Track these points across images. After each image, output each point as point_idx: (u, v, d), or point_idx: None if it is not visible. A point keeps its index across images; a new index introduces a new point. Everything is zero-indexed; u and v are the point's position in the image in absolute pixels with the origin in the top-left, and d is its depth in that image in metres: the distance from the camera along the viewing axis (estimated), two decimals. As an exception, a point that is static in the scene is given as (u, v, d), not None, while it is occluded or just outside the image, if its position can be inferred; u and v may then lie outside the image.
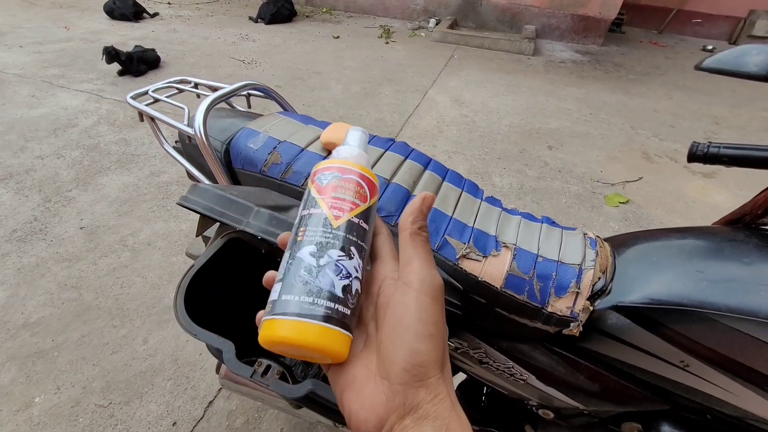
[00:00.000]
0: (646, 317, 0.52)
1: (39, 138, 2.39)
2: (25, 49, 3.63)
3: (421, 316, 0.24)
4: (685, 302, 0.50)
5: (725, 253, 0.54)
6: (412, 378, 0.23)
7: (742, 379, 0.48)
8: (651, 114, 3.27)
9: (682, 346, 0.50)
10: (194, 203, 0.50)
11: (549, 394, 0.65)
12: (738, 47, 0.56)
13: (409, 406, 0.23)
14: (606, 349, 0.57)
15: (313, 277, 0.26)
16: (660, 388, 0.56)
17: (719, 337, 0.48)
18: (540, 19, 4.94)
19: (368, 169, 0.33)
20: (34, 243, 1.70)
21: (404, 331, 0.24)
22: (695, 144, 0.63)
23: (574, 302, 0.56)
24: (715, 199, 2.26)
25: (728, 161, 0.61)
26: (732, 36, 5.50)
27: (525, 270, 0.57)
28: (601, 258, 0.58)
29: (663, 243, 0.59)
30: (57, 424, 1.15)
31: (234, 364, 0.49)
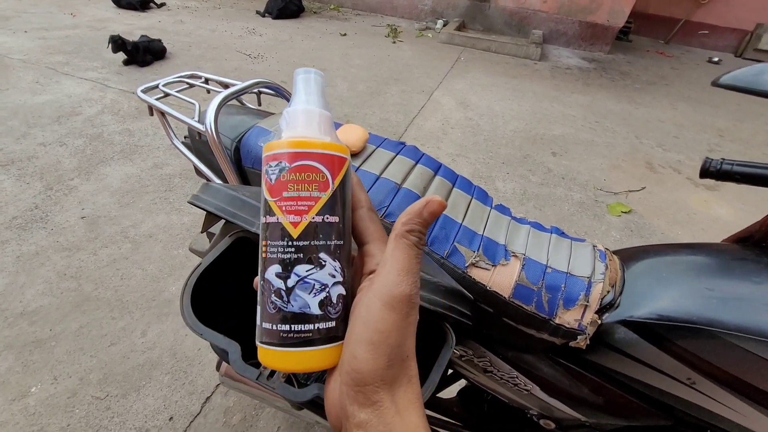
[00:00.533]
0: (654, 333, 0.52)
1: (42, 125, 2.38)
2: (29, 34, 3.61)
3: (367, 319, 0.23)
4: (694, 319, 0.49)
5: (735, 272, 0.54)
6: (351, 381, 0.22)
7: (750, 400, 0.48)
8: (656, 124, 3.27)
9: (689, 363, 0.50)
10: (206, 203, 0.49)
11: (552, 405, 0.65)
12: (756, 65, 0.55)
13: (356, 423, 0.22)
14: (612, 363, 0.57)
15: (285, 303, 0.25)
16: (664, 404, 0.56)
17: (727, 356, 0.48)
18: (548, 25, 4.93)
19: (324, 140, 0.26)
20: (34, 231, 1.70)
21: (350, 331, 0.24)
22: (708, 160, 0.63)
23: (583, 315, 0.55)
24: (717, 212, 2.27)
25: (741, 179, 0.61)
26: (738, 49, 5.50)
27: (534, 280, 0.57)
28: (610, 271, 0.58)
29: (673, 258, 0.59)
30: (53, 415, 1.15)
31: (240, 365, 0.49)
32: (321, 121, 0.27)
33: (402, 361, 0.23)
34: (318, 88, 0.28)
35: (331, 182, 0.26)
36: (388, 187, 0.63)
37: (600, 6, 4.62)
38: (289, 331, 0.25)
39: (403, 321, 0.23)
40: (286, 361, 0.25)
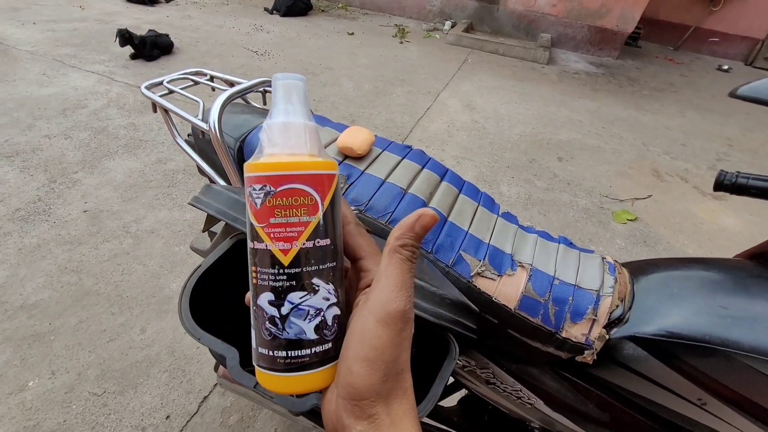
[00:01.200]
0: (664, 350, 0.50)
1: (48, 117, 2.38)
2: (38, 26, 3.62)
3: (363, 336, 0.23)
4: (706, 338, 0.48)
5: (751, 290, 0.52)
6: (348, 395, 0.23)
7: (764, 423, 0.46)
8: (663, 131, 3.24)
9: (700, 384, 0.49)
10: (206, 205, 0.48)
11: (555, 419, 0.64)
12: (776, 77, 0.54)
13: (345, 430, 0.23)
14: (619, 380, 0.55)
15: (280, 330, 0.24)
16: (673, 424, 0.54)
17: (741, 377, 0.46)
18: (556, 28, 4.90)
19: (310, 159, 0.24)
20: (36, 223, 1.69)
21: (346, 347, 0.24)
22: (723, 172, 0.61)
23: (590, 329, 0.54)
24: (724, 222, 2.24)
25: (756, 193, 0.59)
26: (749, 57, 5.45)
27: (540, 292, 0.56)
28: (619, 285, 0.57)
29: (685, 273, 0.57)
30: (49, 410, 1.14)
31: (237, 372, 0.48)
32: (306, 134, 0.25)
33: (397, 375, 0.23)
34: (300, 96, 0.26)
35: (321, 204, 0.24)
36: (394, 192, 0.62)
37: (610, 11, 4.58)
38: (286, 357, 0.24)
39: (397, 337, 0.23)
40: (285, 386, 0.25)
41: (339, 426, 0.24)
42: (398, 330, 0.23)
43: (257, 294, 0.25)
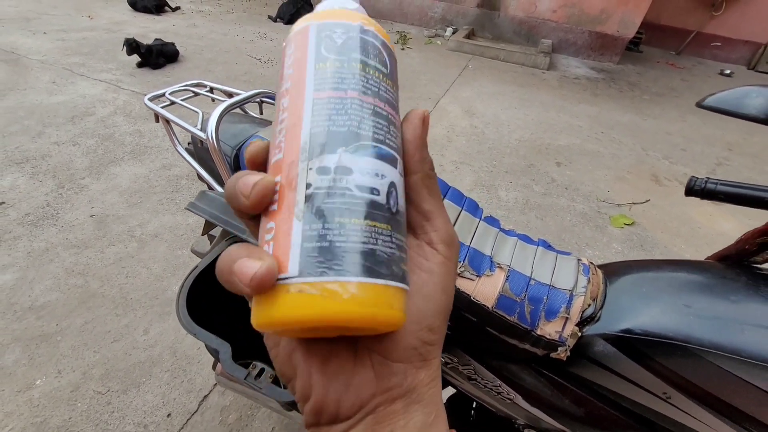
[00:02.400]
0: (632, 347, 0.53)
1: (57, 124, 2.45)
2: (49, 35, 3.72)
3: (446, 286, 0.20)
4: (670, 335, 0.51)
5: (714, 290, 0.55)
6: (418, 357, 0.20)
7: (722, 416, 0.49)
8: (663, 136, 3.25)
9: (665, 378, 0.51)
10: (201, 210, 0.52)
11: (535, 415, 0.66)
12: (739, 88, 0.57)
13: (406, 388, 0.19)
14: (592, 375, 0.58)
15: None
16: (641, 417, 0.57)
17: (702, 372, 0.49)
18: (557, 34, 4.94)
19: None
20: (45, 228, 1.75)
21: (425, 302, 0.20)
22: (693, 178, 0.64)
23: (563, 327, 0.57)
24: (722, 226, 2.25)
25: (724, 198, 0.62)
26: (751, 61, 5.45)
27: (517, 292, 0.59)
28: (592, 285, 0.60)
29: (654, 275, 0.60)
30: (56, 407, 1.18)
31: (229, 365, 0.52)
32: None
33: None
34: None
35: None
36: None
37: (610, 16, 4.61)
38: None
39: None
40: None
41: (380, 391, 0.19)
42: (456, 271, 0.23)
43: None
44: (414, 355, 0.19)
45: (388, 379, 0.19)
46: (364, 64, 0.19)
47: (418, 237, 0.21)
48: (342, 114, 0.18)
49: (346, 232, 0.16)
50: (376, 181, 0.18)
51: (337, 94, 0.18)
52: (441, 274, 0.20)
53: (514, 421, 0.75)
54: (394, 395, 0.19)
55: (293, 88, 0.19)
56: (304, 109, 0.18)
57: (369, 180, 0.18)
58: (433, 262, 0.20)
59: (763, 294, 0.52)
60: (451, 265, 0.21)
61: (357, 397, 0.19)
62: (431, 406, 0.20)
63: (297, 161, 0.18)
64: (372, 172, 0.18)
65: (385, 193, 0.18)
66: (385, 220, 0.18)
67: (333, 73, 0.19)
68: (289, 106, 0.19)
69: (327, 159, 0.17)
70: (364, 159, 0.18)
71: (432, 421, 0.20)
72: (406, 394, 0.19)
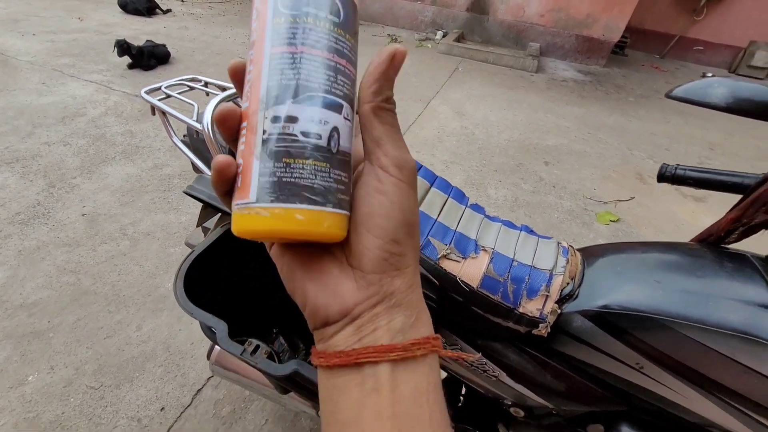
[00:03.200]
0: (607, 321, 0.57)
1: (47, 125, 2.44)
2: (38, 37, 3.69)
3: (403, 204, 0.22)
4: (642, 309, 0.54)
5: (683, 267, 0.58)
6: (390, 267, 0.22)
7: (690, 382, 0.53)
8: (648, 136, 3.34)
9: (637, 349, 0.55)
10: (199, 192, 0.55)
11: (520, 392, 0.70)
12: (704, 79, 0.61)
13: (383, 294, 0.22)
14: (571, 350, 0.61)
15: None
16: (618, 389, 0.60)
17: (670, 341, 0.52)
18: (545, 38, 5.04)
19: None
20: (36, 227, 1.74)
21: (384, 220, 0.22)
22: (665, 165, 0.68)
23: (544, 305, 0.60)
24: (703, 221, 2.32)
25: (693, 183, 0.66)
26: (732, 65, 5.61)
27: (500, 272, 0.62)
28: (571, 265, 0.63)
29: (629, 255, 0.64)
30: (48, 403, 1.18)
31: (226, 342, 0.54)
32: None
33: (419, 241, 0.24)
34: None
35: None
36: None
37: (596, 21, 4.72)
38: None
39: (416, 197, 0.24)
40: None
41: (361, 299, 0.22)
42: (416, 187, 0.24)
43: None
44: (385, 265, 0.22)
45: (366, 289, 0.22)
46: (314, 17, 0.21)
47: (372, 163, 0.23)
48: (292, 68, 0.21)
49: (291, 170, 0.20)
50: (319, 127, 0.21)
51: (288, 49, 0.21)
52: (395, 194, 0.22)
53: (502, 400, 0.78)
54: (373, 301, 0.22)
55: (257, 41, 0.22)
56: (263, 64, 0.21)
57: (312, 127, 0.21)
58: (387, 183, 0.22)
59: (726, 270, 0.56)
60: (405, 185, 0.23)
61: (341, 304, 0.22)
62: (411, 309, 0.23)
63: (257, 110, 0.21)
64: (316, 119, 0.21)
65: (326, 137, 0.21)
66: (324, 159, 0.21)
67: (286, 29, 0.21)
68: (253, 59, 0.22)
69: (278, 109, 0.21)
70: (309, 108, 0.21)
71: (413, 321, 0.23)
72: (385, 299, 0.22)
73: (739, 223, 0.61)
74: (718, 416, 0.53)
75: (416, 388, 0.22)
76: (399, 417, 0.21)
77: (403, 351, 0.22)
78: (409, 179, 0.23)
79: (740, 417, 0.51)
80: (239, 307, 0.75)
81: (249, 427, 1.19)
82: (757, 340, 0.47)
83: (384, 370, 0.22)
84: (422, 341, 0.23)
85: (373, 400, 0.21)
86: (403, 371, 0.22)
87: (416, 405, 0.22)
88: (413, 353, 0.22)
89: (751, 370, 0.48)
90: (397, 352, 0.22)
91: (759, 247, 0.59)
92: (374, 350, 0.22)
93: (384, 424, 0.21)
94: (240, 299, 0.78)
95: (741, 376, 0.49)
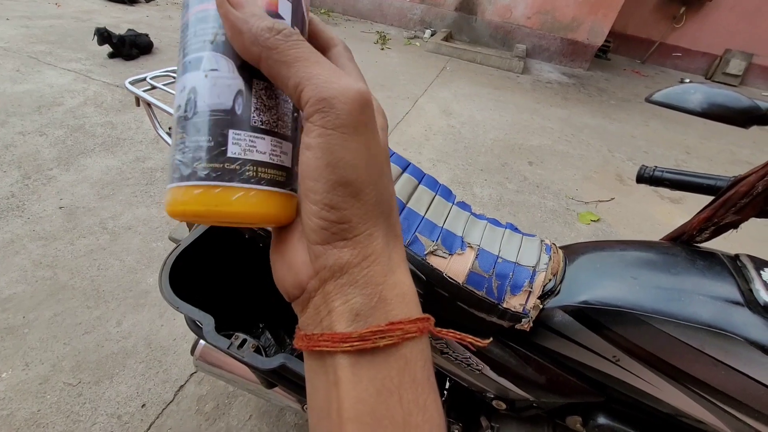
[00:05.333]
0: (586, 316, 0.59)
1: (21, 114, 2.35)
2: (12, 22, 3.55)
3: (333, 159, 0.18)
4: (619, 304, 0.57)
5: (658, 265, 0.61)
6: (334, 237, 0.19)
7: (663, 374, 0.55)
8: (628, 139, 3.43)
9: (614, 343, 0.57)
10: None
11: (502, 385, 0.71)
12: (682, 85, 0.64)
13: (331, 269, 0.19)
14: (552, 344, 0.63)
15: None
16: (596, 381, 0.63)
17: (645, 335, 0.55)
18: (531, 40, 5.11)
19: None
20: (9, 219, 1.68)
21: (312, 182, 0.19)
22: (643, 167, 0.71)
23: (527, 300, 0.62)
24: (678, 222, 2.36)
25: (669, 184, 0.69)
26: (708, 72, 5.80)
27: (486, 269, 0.64)
28: (553, 262, 0.65)
29: (608, 253, 0.66)
30: (23, 400, 1.15)
31: (213, 336, 0.54)
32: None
33: (388, 201, 0.21)
34: None
35: None
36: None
37: (581, 24, 4.82)
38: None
39: (375, 138, 0.20)
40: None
41: (312, 274, 0.20)
42: (369, 128, 0.19)
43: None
44: (326, 235, 0.19)
45: (315, 262, 0.20)
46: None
47: (299, 113, 0.21)
48: (182, 39, 0.21)
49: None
50: (182, 97, 0.20)
51: (181, 23, 0.21)
52: (320, 148, 0.18)
53: (485, 394, 0.80)
54: (323, 277, 0.19)
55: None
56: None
57: (178, 97, 0.20)
58: (311, 136, 0.18)
59: (698, 267, 0.58)
60: (334, 134, 0.18)
61: (295, 277, 0.21)
62: (370, 287, 0.19)
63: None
64: (179, 89, 0.20)
65: (184, 105, 0.19)
66: (183, 129, 0.19)
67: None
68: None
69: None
70: (180, 79, 0.20)
71: (375, 303, 0.19)
72: (334, 275, 0.19)
73: (710, 223, 0.64)
74: (689, 406, 0.56)
75: (383, 386, 0.18)
76: (362, 418, 0.18)
77: (359, 341, 0.18)
78: (342, 121, 0.18)
79: (709, 407, 0.54)
80: (225, 302, 0.74)
81: (233, 422, 1.18)
82: (725, 333, 0.50)
83: (342, 362, 0.19)
84: (386, 328, 0.19)
85: (334, 395, 0.19)
86: (366, 364, 0.19)
87: (384, 405, 0.18)
88: (374, 343, 0.18)
89: (719, 362, 0.50)
90: (350, 342, 0.18)
91: (728, 246, 0.62)
92: (328, 338, 0.19)
93: (346, 426, 0.18)
94: (226, 294, 0.77)
95: (710, 368, 0.51)
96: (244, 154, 0.19)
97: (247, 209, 0.19)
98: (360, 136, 0.18)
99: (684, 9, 5.47)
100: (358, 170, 0.19)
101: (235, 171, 0.19)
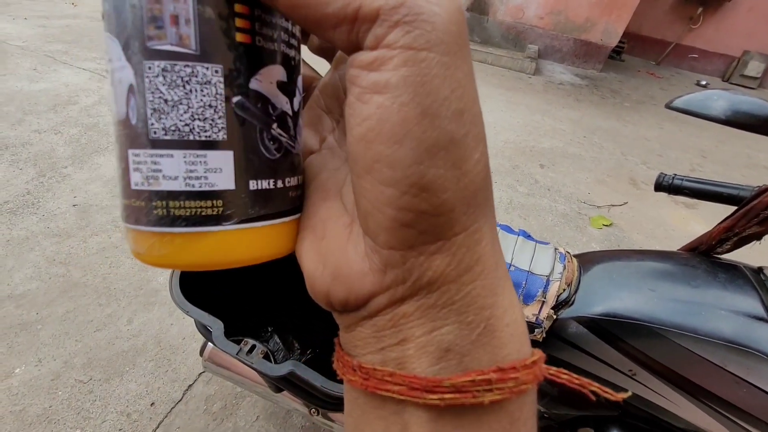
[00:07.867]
0: (602, 328, 0.57)
1: (38, 112, 2.39)
2: (29, 21, 3.62)
3: (426, 101, 0.12)
4: (636, 317, 0.55)
5: (677, 277, 0.59)
6: (419, 237, 0.13)
7: (681, 390, 0.54)
8: (641, 142, 3.38)
9: (631, 356, 0.56)
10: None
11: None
12: (704, 91, 0.62)
13: (414, 286, 0.13)
14: (565, 355, 0.62)
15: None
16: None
17: (663, 349, 0.53)
18: (543, 40, 5.06)
19: None
20: (25, 216, 1.71)
21: (390, 146, 0.12)
22: (662, 175, 0.69)
23: (540, 310, 0.61)
24: (694, 228, 2.35)
25: (689, 193, 0.67)
26: (725, 74, 5.69)
27: (498, 277, 0.62)
28: (567, 272, 0.64)
29: (624, 263, 0.65)
30: (36, 396, 1.17)
31: (222, 341, 0.53)
32: None
33: (491, 181, 0.14)
34: None
35: None
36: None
37: (594, 25, 4.75)
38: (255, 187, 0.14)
39: (471, 71, 0.13)
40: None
41: (380, 289, 0.14)
42: (463, 56, 0.13)
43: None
44: (410, 234, 0.12)
45: (383, 272, 0.13)
46: None
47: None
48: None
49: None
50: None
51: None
52: (409, 84, 0.11)
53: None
54: (398, 294, 0.13)
55: None
56: None
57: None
58: (388, 68, 0.12)
59: (719, 280, 0.57)
60: (426, 59, 0.11)
61: (346, 292, 0.14)
62: (472, 313, 0.13)
63: None
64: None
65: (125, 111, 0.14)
66: (135, 145, 0.14)
67: None
68: None
69: None
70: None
71: (477, 337, 0.13)
72: (418, 293, 0.13)
73: (731, 233, 0.62)
74: (707, 424, 0.54)
75: None
76: None
77: (453, 392, 0.13)
78: (441, 37, 0.11)
79: (729, 425, 0.52)
80: (234, 305, 0.74)
81: (240, 423, 1.18)
82: (748, 350, 0.48)
83: (419, 417, 0.13)
84: (496, 376, 0.13)
85: None
86: (452, 421, 0.13)
87: None
88: (475, 398, 0.13)
89: (741, 379, 0.49)
90: (439, 393, 0.13)
91: (750, 258, 0.60)
92: (401, 381, 0.13)
93: None
94: (235, 296, 0.77)
95: (731, 386, 0.50)
96: (147, 183, 0.14)
97: (166, 260, 0.14)
98: (466, 64, 0.12)
99: (701, 9, 5.36)
100: (468, 120, 0.12)
101: (142, 209, 0.14)
